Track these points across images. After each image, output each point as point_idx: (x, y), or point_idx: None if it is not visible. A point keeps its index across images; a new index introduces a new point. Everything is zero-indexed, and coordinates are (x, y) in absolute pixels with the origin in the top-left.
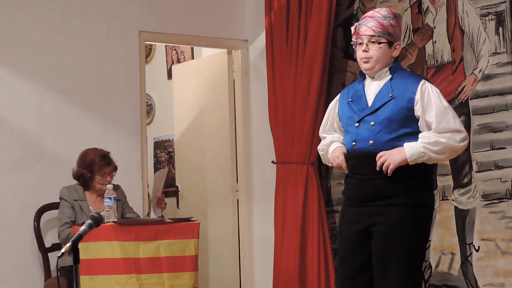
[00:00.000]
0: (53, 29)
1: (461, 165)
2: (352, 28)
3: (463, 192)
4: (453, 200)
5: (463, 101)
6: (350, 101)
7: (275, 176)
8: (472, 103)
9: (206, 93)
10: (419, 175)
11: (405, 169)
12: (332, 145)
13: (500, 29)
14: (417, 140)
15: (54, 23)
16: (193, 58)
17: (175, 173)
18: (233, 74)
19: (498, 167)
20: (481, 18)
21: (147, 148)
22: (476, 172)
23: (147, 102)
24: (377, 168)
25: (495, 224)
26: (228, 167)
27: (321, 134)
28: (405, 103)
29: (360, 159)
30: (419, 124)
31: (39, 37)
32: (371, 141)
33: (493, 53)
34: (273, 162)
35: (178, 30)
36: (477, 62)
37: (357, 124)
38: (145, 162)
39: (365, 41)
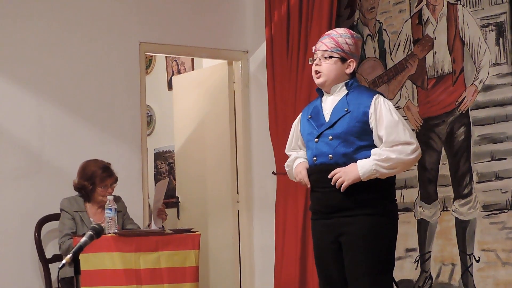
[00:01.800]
0: (53, 41)
1: (461, 176)
2: (313, 48)
3: (464, 203)
4: (453, 211)
5: (464, 112)
6: (310, 117)
7: (275, 187)
8: (473, 114)
9: (206, 104)
10: (380, 187)
11: (366, 182)
12: (296, 161)
13: (501, 40)
14: None
15: (54, 34)
16: (193, 69)
17: (175, 184)
18: (233, 85)
19: (498, 177)
20: (481, 29)
21: (147, 159)
22: (477, 183)
23: (147, 113)
24: (332, 183)
25: (495, 234)
26: (228, 178)
27: (286, 152)
28: (360, 116)
29: (321, 173)
30: (373, 137)
31: (39, 48)
32: (330, 155)
33: (493, 64)
34: (273, 173)
35: (179, 41)
36: (478, 73)
37: (316, 139)
38: (145, 173)
39: (319, 56)
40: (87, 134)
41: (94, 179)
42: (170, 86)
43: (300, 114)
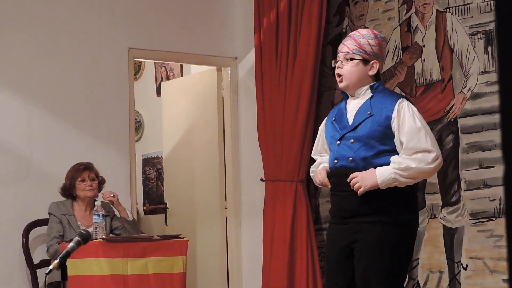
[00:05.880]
0: (42, 46)
1: (449, 184)
2: (337, 50)
3: (452, 211)
4: (441, 219)
5: (452, 119)
6: (334, 120)
7: (263, 194)
8: (461, 122)
9: (195, 110)
10: (399, 194)
11: (385, 189)
12: (320, 166)
13: (489, 47)
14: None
15: (43, 40)
16: (182, 75)
17: (163, 190)
18: (222, 92)
19: (486, 185)
20: (470, 37)
21: (136, 165)
22: (465, 190)
23: (136, 119)
24: (351, 187)
25: (483, 242)
26: (216, 184)
27: (313, 155)
28: (382, 120)
29: (341, 176)
30: (394, 141)
31: (28, 54)
32: (350, 158)
33: (482, 71)
34: (261, 179)
35: (167, 47)
36: (466, 81)
37: (338, 142)
38: (133, 179)
39: (341, 58)
40: (75, 139)
41: (73, 175)
42: (158, 92)
43: (326, 117)
